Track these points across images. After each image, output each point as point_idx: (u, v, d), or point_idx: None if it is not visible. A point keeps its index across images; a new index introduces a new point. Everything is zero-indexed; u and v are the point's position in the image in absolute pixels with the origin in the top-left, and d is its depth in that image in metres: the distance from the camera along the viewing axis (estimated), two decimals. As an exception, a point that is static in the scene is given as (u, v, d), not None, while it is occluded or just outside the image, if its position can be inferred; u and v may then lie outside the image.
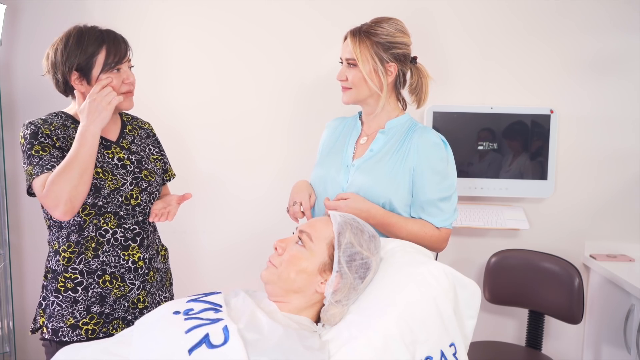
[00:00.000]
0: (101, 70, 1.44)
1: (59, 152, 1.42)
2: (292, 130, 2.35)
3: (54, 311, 1.47)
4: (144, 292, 1.55)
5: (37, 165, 1.38)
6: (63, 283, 1.46)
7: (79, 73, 1.44)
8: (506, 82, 2.31)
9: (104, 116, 1.40)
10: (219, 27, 2.30)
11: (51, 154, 1.40)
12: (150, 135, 1.68)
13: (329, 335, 1.19)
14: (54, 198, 1.34)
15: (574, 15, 2.26)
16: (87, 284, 1.47)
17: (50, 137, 1.43)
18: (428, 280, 1.24)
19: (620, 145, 2.31)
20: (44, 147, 1.40)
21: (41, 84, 2.17)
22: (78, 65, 1.43)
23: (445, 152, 1.55)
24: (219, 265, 2.41)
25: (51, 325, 1.46)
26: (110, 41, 1.46)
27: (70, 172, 1.34)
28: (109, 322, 1.49)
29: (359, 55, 1.52)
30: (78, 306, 1.46)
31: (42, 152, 1.40)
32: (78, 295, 1.46)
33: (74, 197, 1.35)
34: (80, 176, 1.35)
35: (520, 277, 2.22)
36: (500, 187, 2.28)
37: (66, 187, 1.33)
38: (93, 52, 1.43)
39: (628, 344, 2.05)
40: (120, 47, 1.47)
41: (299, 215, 1.59)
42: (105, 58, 1.44)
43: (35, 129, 1.42)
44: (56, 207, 1.34)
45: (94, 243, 1.47)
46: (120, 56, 1.47)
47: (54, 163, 1.39)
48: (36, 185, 1.38)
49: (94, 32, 1.46)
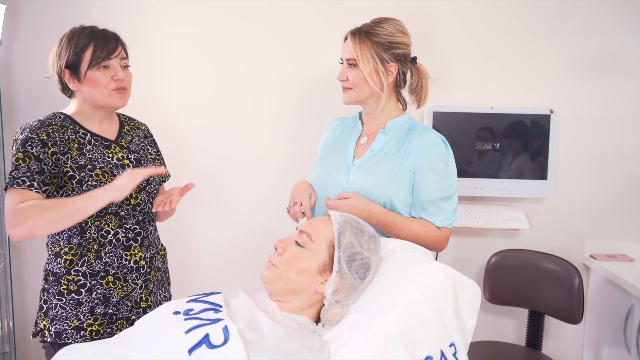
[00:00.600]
0: (88, 65, 1.44)
1: (39, 165, 1.38)
2: (292, 130, 2.35)
3: (57, 314, 1.46)
4: (147, 291, 1.55)
5: (10, 174, 1.38)
6: (66, 285, 1.46)
7: (70, 70, 1.45)
8: (506, 82, 2.31)
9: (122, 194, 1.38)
10: (218, 27, 2.30)
11: (29, 167, 1.37)
12: (148, 136, 1.68)
13: (329, 335, 1.19)
14: (19, 220, 1.33)
15: (574, 16, 2.26)
16: (91, 285, 1.47)
17: (44, 143, 1.40)
18: (428, 280, 1.24)
19: (620, 145, 2.31)
20: (25, 157, 1.38)
21: (41, 84, 2.17)
22: (67, 62, 1.44)
23: (445, 152, 1.55)
24: (219, 265, 2.41)
25: (54, 328, 1.46)
26: (99, 37, 1.46)
27: (52, 212, 1.34)
28: (113, 323, 1.49)
29: (360, 56, 1.53)
30: (82, 308, 1.46)
31: (22, 162, 1.38)
32: (82, 297, 1.46)
33: (36, 229, 1.35)
34: (56, 220, 1.35)
35: (520, 277, 2.22)
36: (500, 187, 2.28)
37: (38, 220, 1.33)
38: (82, 48, 1.44)
39: (628, 344, 2.05)
40: (109, 43, 1.46)
41: (299, 216, 1.60)
42: (92, 53, 1.44)
43: (28, 135, 1.40)
44: (15, 227, 1.34)
45: (96, 244, 1.47)
46: (109, 51, 1.46)
47: (25, 179, 1.36)
48: (9, 194, 1.37)
49: (86, 30, 1.47)
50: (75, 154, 1.45)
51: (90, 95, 1.47)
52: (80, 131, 1.49)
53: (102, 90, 1.46)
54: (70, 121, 1.49)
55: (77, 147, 1.46)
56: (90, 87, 1.46)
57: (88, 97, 1.48)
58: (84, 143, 1.47)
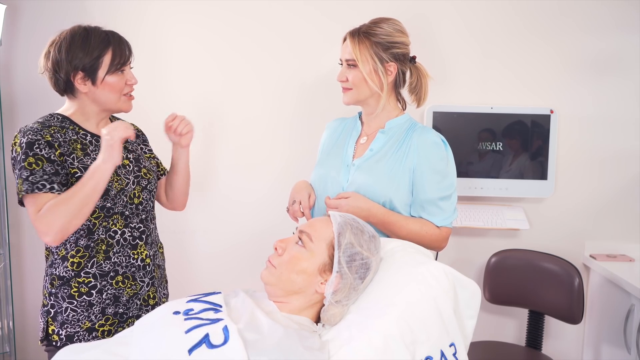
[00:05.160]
0: (107, 71, 1.45)
1: (52, 167, 1.38)
2: (294, 130, 2.35)
3: (68, 317, 1.46)
4: (153, 288, 1.57)
5: (26, 180, 1.36)
6: (77, 288, 1.46)
7: (84, 73, 1.44)
8: (506, 82, 2.31)
9: (116, 154, 1.38)
10: (218, 27, 2.30)
11: (44, 169, 1.37)
12: (139, 135, 1.70)
13: (329, 335, 1.19)
14: (46, 225, 1.33)
15: (575, 15, 2.26)
16: (101, 286, 1.47)
17: (51, 145, 1.40)
18: (428, 280, 1.24)
19: (621, 146, 2.31)
20: (37, 160, 1.37)
21: (41, 84, 2.17)
22: (84, 65, 1.44)
23: (444, 151, 1.55)
24: (219, 266, 2.41)
25: (65, 332, 1.46)
26: (115, 43, 1.47)
27: (70, 204, 1.33)
28: (124, 322, 1.50)
29: (359, 56, 1.53)
30: (94, 309, 1.47)
31: (35, 166, 1.37)
32: (93, 298, 1.46)
33: (66, 228, 1.34)
34: (79, 210, 1.34)
35: (520, 277, 2.22)
36: (500, 187, 2.28)
37: (62, 218, 1.33)
38: (100, 54, 1.44)
39: (628, 344, 2.05)
40: (124, 49, 1.49)
41: (298, 215, 1.60)
42: (112, 60, 1.45)
43: (33, 137, 1.39)
44: (46, 234, 1.34)
45: (105, 245, 1.47)
46: (125, 58, 1.48)
47: (44, 182, 1.36)
48: (28, 203, 1.37)
49: (100, 33, 1.47)
50: (80, 155, 1.45)
51: (105, 98, 1.48)
52: (80, 132, 1.48)
53: (117, 95, 1.48)
54: (69, 122, 1.49)
55: (81, 148, 1.46)
56: (107, 91, 1.47)
57: (101, 100, 1.48)
58: (86, 144, 1.47)
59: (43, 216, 1.34)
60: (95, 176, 1.36)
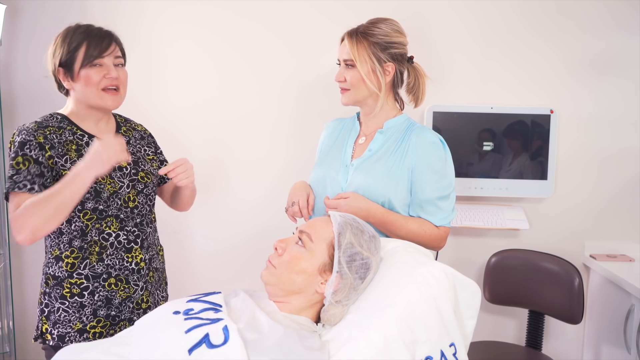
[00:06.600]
0: (81, 63, 1.43)
1: (39, 168, 1.38)
2: (292, 130, 2.35)
3: (60, 317, 1.46)
4: (147, 292, 1.55)
5: (10, 178, 1.37)
6: (69, 289, 1.45)
7: (64, 69, 1.44)
8: (506, 82, 2.31)
9: (102, 170, 1.35)
10: (217, 27, 2.30)
11: (28, 170, 1.37)
12: (144, 137, 1.67)
13: (329, 335, 1.19)
14: (20, 224, 1.33)
15: (575, 15, 2.26)
16: (93, 288, 1.46)
17: (42, 146, 1.40)
18: (428, 280, 1.24)
19: (621, 146, 2.31)
20: (25, 160, 1.38)
21: (41, 84, 2.18)
22: (61, 60, 1.43)
23: (443, 151, 1.56)
24: (219, 266, 2.41)
25: (57, 332, 1.46)
26: (93, 35, 1.45)
27: (46, 206, 1.32)
28: (115, 324, 1.50)
29: (357, 56, 1.53)
30: (85, 310, 1.46)
31: (22, 166, 1.37)
32: (84, 299, 1.46)
33: (39, 230, 1.33)
34: (53, 214, 1.33)
35: (520, 277, 2.22)
36: (500, 187, 2.28)
37: (36, 220, 1.32)
38: (76, 47, 1.43)
39: (628, 344, 2.05)
40: (102, 40, 1.45)
41: (297, 215, 1.60)
42: (86, 51, 1.43)
43: (26, 137, 1.39)
44: (19, 233, 1.34)
45: (98, 247, 1.47)
46: (102, 49, 1.44)
47: (26, 182, 1.36)
48: (11, 201, 1.37)
49: (80, 28, 1.46)
50: (74, 156, 1.44)
51: (83, 94, 1.46)
52: (78, 132, 1.48)
53: (93, 89, 1.45)
54: (68, 122, 1.48)
55: (76, 149, 1.45)
56: (82, 85, 1.44)
57: (81, 96, 1.47)
58: (81, 145, 1.47)
59: (19, 215, 1.33)
60: (75, 183, 1.33)
